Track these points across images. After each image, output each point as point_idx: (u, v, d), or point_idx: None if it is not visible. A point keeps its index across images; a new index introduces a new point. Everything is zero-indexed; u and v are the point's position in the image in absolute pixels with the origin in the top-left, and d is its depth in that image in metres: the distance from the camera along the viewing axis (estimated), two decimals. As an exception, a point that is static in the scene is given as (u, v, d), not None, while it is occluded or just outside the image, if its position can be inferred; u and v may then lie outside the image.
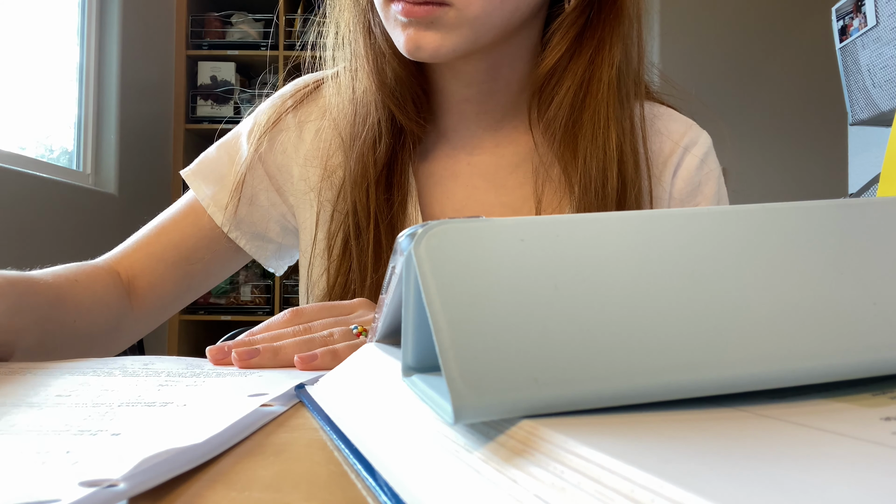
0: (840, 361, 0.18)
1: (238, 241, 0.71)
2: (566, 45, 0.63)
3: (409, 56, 0.60)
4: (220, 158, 0.72)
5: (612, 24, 0.63)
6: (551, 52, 0.63)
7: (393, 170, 0.67)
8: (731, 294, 0.19)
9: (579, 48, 0.64)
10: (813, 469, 0.13)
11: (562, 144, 0.65)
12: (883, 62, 1.80)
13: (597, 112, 0.64)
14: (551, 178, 0.67)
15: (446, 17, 0.57)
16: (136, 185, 2.60)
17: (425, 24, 0.58)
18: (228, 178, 0.70)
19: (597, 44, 0.63)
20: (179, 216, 0.70)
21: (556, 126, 0.64)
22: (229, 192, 0.69)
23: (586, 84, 0.64)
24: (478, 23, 0.58)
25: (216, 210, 0.69)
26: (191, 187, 0.70)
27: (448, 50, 0.59)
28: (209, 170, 0.71)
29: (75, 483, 0.18)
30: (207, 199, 0.69)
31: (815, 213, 0.22)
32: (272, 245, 0.73)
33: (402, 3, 0.57)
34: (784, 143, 3.07)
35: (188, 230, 0.69)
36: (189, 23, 2.94)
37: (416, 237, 0.19)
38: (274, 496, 0.19)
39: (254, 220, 0.71)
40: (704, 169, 0.71)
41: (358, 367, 0.31)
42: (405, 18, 0.58)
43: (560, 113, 0.64)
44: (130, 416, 0.28)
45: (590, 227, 0.20)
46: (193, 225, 0.69)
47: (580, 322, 0.18)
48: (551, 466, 0.15)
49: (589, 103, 0.64)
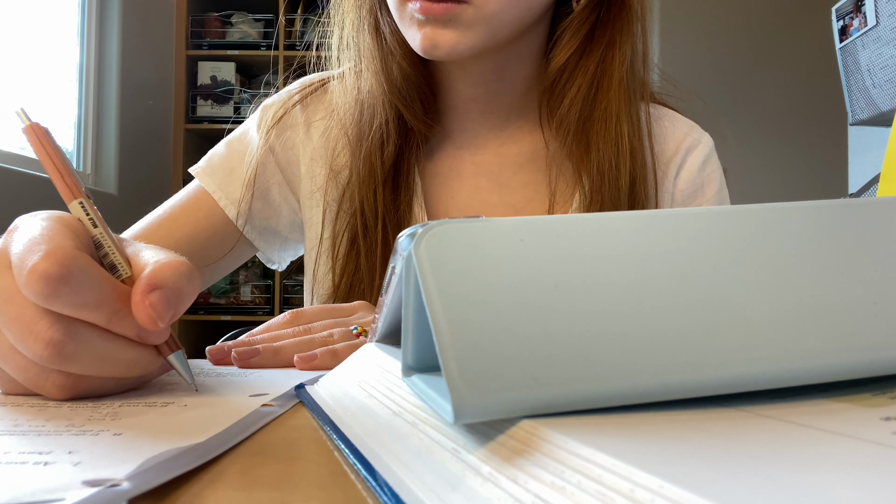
0: (840, 361, 0.18)
1: (249, 236, 0.70)
2: (577, 42, 0.63)
3: (425, 55, 0.60)
4: (231, 153, 0.71)
5: (621, 23, 0.64)
6: (562, 49, 0.64)
7: (399, 170, 0.67)
8: (731, 294, 0.19)
9: (590, 46, 0.64)
10: (813, 469, 0.13)
11: (574, 141, 0.65)
12: (883, 62, 1.80)
13: (608, 108, 0.64)
14: (563, 175, 0.67)
15: (464, 14, 0.57)
16: (136, 185, 2.60)
17: (443, 23, 0.58)
18: (239, 171, 0.70)
19: (608, 41, 0.64)
20: (191, 210, 0.69)
21: (569, 122, 0.65)
22: (241, 185, 0.69)
23: (598, 81, 0.64)
24: (495, 20, 0.58)
25: (229, 204, 0.68)
26: (202, 184, 0.69)
27: (465, 48, 0.59)
28: (219, 165, 0.70)
29: (79, 482, 0.18)
30: (219, 194, 0.69)
31: (815, 213, 0.22)
32: (279, 239, 0.73)
33: (419, 2, 0.57)
34: (784, 143, 3.07)
35: (201, 224, 0.68)
36: (189, 23, 2.94)
37: (416, 237, 0.19)
38: (274, 496, 0.19)
39: (266, 215, 0.71)
40: (706, 171, 0.71)
41: (358, 367, 0.31)
42: (422, 16, 0.57)
43: (573, 110, 0.64)
44: (131, 417, 0.28)
45: (590, 227, 0.20)
46: (206, 219, 0.68)
47: (580, 322, 0.18)
48: (551, 466, 0.15)
49: (601, 99, 0.64)
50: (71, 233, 0.31)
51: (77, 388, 0.31)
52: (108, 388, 0.32)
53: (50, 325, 0.29)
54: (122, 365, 0.31)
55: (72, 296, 0.29)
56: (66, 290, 0.28)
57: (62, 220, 0.32)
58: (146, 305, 0.30)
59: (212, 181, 0.69)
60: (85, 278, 0.29)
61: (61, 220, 0.32)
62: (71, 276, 0.28)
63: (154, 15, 2.79)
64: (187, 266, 0.32)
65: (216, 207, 0.69)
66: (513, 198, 0.69)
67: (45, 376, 0.31)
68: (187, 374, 0.34)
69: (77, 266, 0.29)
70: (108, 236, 0.33)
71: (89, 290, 0.29)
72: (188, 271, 0.32)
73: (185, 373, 0.34)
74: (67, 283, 0.28)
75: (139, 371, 0.32)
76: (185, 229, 0.68)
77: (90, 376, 0.31)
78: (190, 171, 0.71)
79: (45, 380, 0.31)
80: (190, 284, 0.31)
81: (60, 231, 0.31)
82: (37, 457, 0.21)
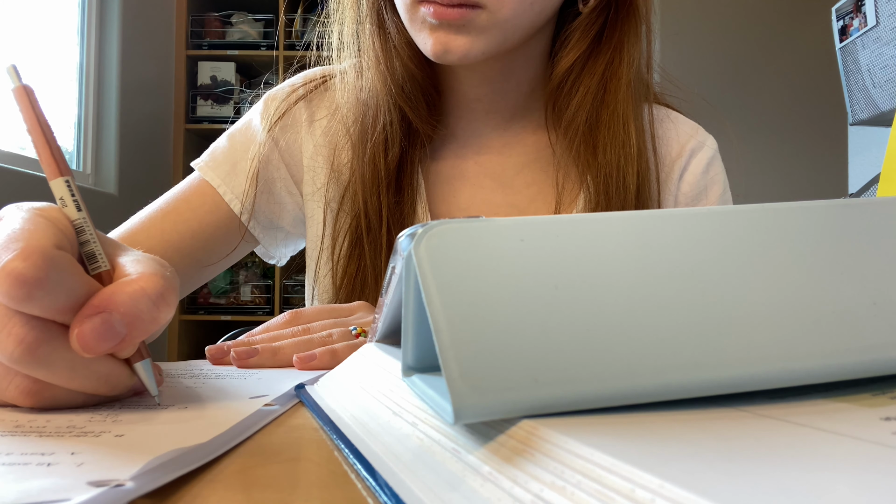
0: (840, 361, 0.18)
1: (254, 231, 0.69)
2: (586, 44, 0.63)
3: (437, 59, 0.59)
4: (233, 147, 0.70)
5: (628, 25, 0.64)
6: (570, 50, 0.64)
7: (403, 171, 0.66)
8: (730, 294, 0.19)
9: (598, 48, 0.64)
10: (813, 469, 0.13)
11: (582, 143, 0.65)
12: (883, 62, 1.80)
13: (616, 110, 0.64)
14: (569, 177, 0.67)
15: (478, 19, 0.57)
16: (136, 185, 2.60)
17: (456, 28, 0.57)
18: (243, 165, 0.69)
19: (616, 44, 0.64)
20: (195, 204, 0.67)
21: (577, 125, 0.64)
22: (245, 179, 0.68)
23: (606, 83, 0.64)
24: (508, 25, 0.58)
25: (233, 198, 0.67)
26: (205, 178, 0.68)
27: (477, 53, 0.58)
28: (222, 158, 0.69)
29: (83, 483, 0.18)
30: (224, 188, 0.67)
31: (815, 213, 0.22)
32: (282, 234, 0.73)
33: (432, 6, 0.56)
34: (784, 143, 3.06)
35: (206, 219, 0.67)
36: (189, 23, 2.94)
37: (416, 237, 0.19)
38: (274, 496, 0.19)
39: (270, 210, 0.70)
40: (710, 173, 0.71)
41: (358, 366, 0.31)
42: (435, 21, 0.56)
43: (580, 112, 0.64)
44: (133, 418, 0.28)
45: (590, 227, 0.20)
46: (211, 214, 0.67)
47: (580, 322, 0.18)
48: (551, 466, 0.15)
49: (609, 102, 0.64)
50: (53, 228, 0.29)
51: (42, 395, 0.28)
52: (74, 402, 0.30)
53: (24, 323, 0.27)
54: (93, 379, 0.29)
55: (46, 299, 0.26)
56: (40, 294, 0.26)
57: (45, 213, 0.30)
58: (78, 332, 0.27)
59: (216, 175, 0.68)
60: (61, 281, 0.26)
61: (44, 212, 0.30)
62: (46, 280, 0.26)
63: (154, 15, 2.79)
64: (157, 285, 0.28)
65: (221, 202, 0.67)
66: (516, 198, 0.69)
67: (10, 379, 0.28)
68: (151, 385, 0.31)
69: (54, 268, 0.26)
70: (90, 223, 0.31)
71: (65, 294, 0.27)
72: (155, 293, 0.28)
73: (149, 383, 0.31)
74: (42, 287, 0.26)
75: (107, 389, 0.30)
76: (191, 224, 0.66)
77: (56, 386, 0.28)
78: (192, 165, 0.70)
79: (9, 383, 0.28)
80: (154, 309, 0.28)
81: (42, 226, 0.28)
82: (40, 458, 0.21)
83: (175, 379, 0.38)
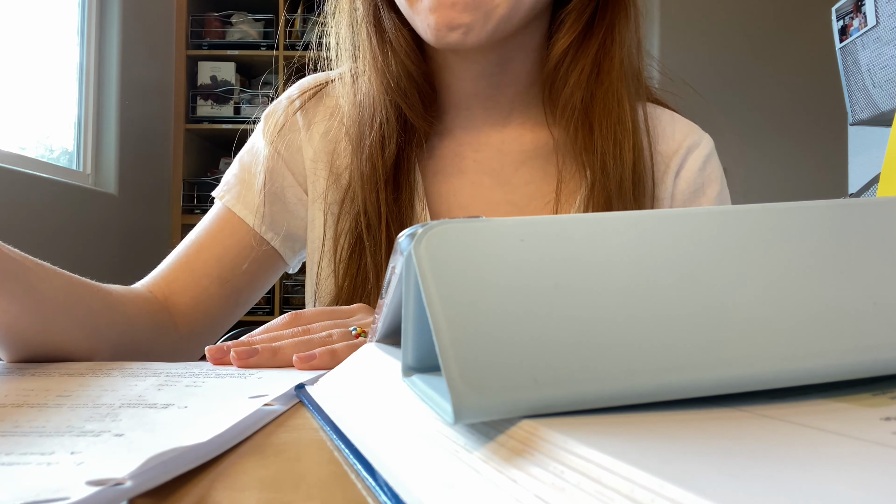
0: (840, 361, 0.18)
1: (273, 243, 0.70)
2: (580, 26, 0.65)
3: (437, 41, 0.60)
4: (243, 168, 0.71)
5: (618, 7, 0.66)
6: (565, 33, 0.65)
7: (400, 168, 0.67)
8: (730, 294, 0.19)
9: (591, 30, 0.66)
10: (813, 469, 0.13)
11: (579, 123, 0.66)
12: (883, 62, 1.81)
13: (610, 88, 0.66)
14: (567, 166, 0.68)
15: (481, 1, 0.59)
16: (136, 185, 2.60)
17: (459, 9, 0.58)
18: (253, 180, 0.70)
19: (607, 25, 0.66)
20: (215, 229, 0.68)
21: (573, 105, 0.66)
22: (257, 192, 0.69)
23: (599, 62, 0.65)
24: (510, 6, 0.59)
25: (248, 213, 0.68)
26: (223, 202, 0.69)
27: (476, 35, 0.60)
28: (235, 181, 0.70)
29: (83, 482, 0.18)
30: (239, 206, 0.68)
31: (815, 213, 0.22)
32: (299, 243, 0.73)
33: None
34: (784, 143, 3.07)
35: (228, 241, 0.68)
36: (189, 23, 2.94)
37: (416, 237, 0.19)
38: (274, 496, 0.19)
39: (286, 219, 0.71)
40: (707, 171, 0.71)
41: (358, 367, 0.31)
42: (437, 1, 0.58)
43: (576, 92, 0.65)
44: (133, 417, 0.28)
45: (590, 228, 0.20)
46: (232, 236, 0.68)
47: (580, 322, 0.18)
48: (551, 466, 0.15)
49: (602, 79, 0.66)
50: None
51: None
52: None
53: None
54: None
55: None
56: None
57: None
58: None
59: (230, 196, 0.69)
60: None
61: None
62: None
63: (154, 15, 2.79)
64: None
65: (239, 222, 0.69)
66: (515, 195, 0.69)
67: None
68: None
69: None
70: None
71: None
72: None
73: None
74: None
75: None
76: (214, 249, 0.67)
77: None
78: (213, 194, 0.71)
79: None
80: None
81: None
82: (39, 457, 0.21)
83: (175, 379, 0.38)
